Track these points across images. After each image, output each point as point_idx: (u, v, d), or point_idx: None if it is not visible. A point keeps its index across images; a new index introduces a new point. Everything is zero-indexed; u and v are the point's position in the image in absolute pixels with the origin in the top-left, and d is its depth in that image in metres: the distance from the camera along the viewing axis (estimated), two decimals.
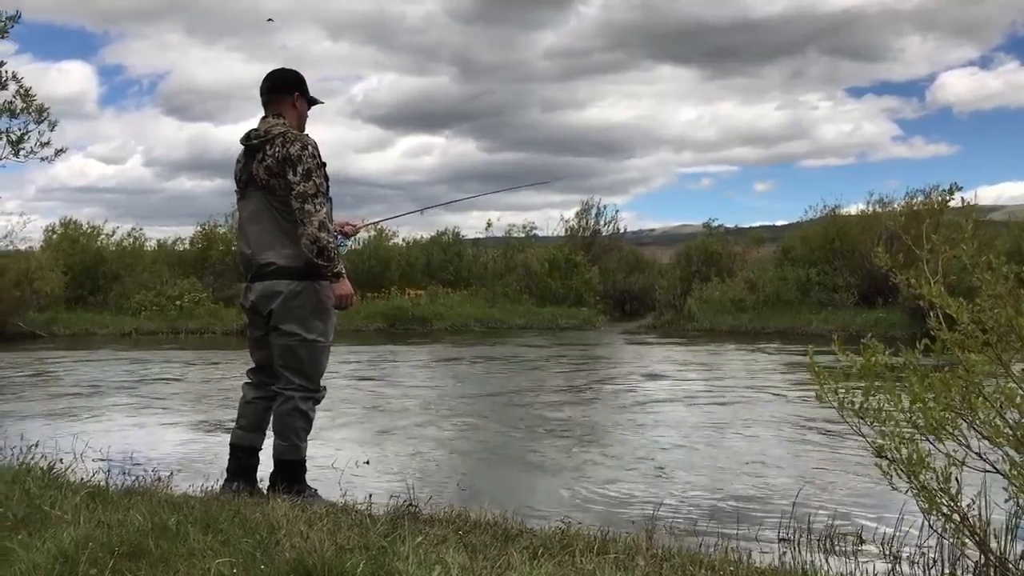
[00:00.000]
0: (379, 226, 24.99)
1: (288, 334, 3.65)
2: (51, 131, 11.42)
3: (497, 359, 12.47)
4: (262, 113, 3.88)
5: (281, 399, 3.73)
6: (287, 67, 3.96)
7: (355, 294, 3.77)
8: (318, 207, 3.55)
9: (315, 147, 3.65)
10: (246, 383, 3.94)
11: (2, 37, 10.84)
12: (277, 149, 3.61)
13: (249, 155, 3.73)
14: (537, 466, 5.22)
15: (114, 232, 22.54)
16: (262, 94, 3.85)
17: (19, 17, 10.84)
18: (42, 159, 11.42)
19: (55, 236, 21.60)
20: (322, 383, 3.83)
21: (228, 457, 3.89)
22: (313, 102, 3.93)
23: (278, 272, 3.64)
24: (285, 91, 3.84)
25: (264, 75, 3.90)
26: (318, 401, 3.82)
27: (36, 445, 4.28)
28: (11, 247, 17.74)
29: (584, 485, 4.62)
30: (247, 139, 3.75)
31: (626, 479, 4.75)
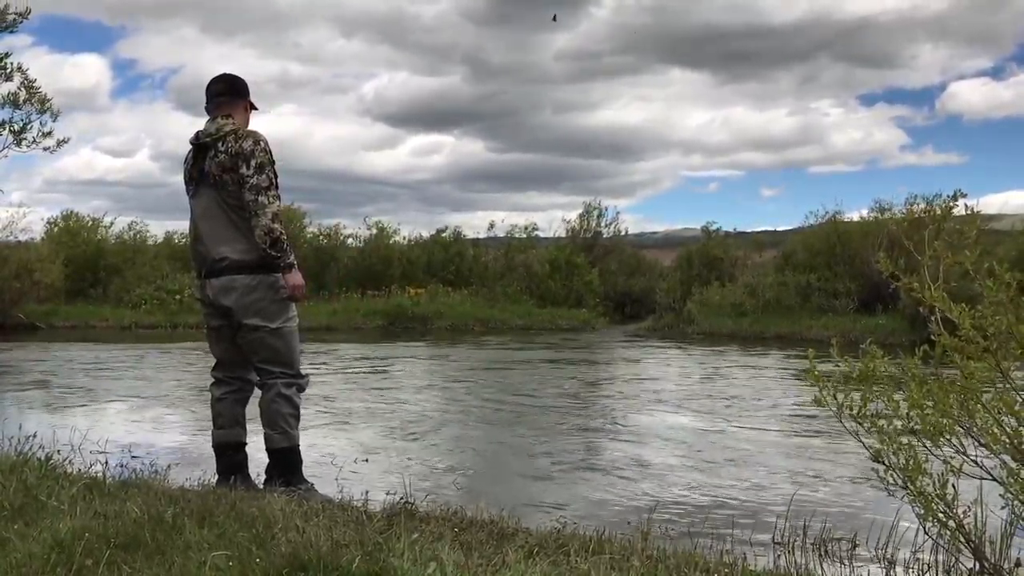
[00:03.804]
0: (380, 224, 25.05)
1: (254, 328, 3.72)
2: (53, 121, 11.42)
3: (496, 359, 12.47)
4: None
5: (264, 390, 3.80)
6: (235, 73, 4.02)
7: (305, 285, 3.84)
8: (271, 200, 3.65)
9: (267, 143, 3.73)
10: (212, 383, 4.00)
11: (12, 32, 10.87)
12: (230, 145, 3.68)
13: (200, 153, 3.80)
14: (533, 466, 5.22)
15: (112, 224, 22.56)
16: (216, 95, 3.87)
17: (28, 13, 10.87)
18: (44, 149, 11.42)
19: (56, 228, 21.60)
20: (303, 370, 3.90)
21: (216, 459, 3.93)
22: (253, 108, 4.01)
23: (232, 267, 3.70)
24: (240, 95, 3.93)
25: (216, 76, 3.94)
26: (302, 388, 3.88)
27: (34, 436, 4.28)
28: (11, 238, 17.75)
29: (581, 486, 4.62)
30: (196, 139, 3.81)
31: (622, 481, 4.76)
